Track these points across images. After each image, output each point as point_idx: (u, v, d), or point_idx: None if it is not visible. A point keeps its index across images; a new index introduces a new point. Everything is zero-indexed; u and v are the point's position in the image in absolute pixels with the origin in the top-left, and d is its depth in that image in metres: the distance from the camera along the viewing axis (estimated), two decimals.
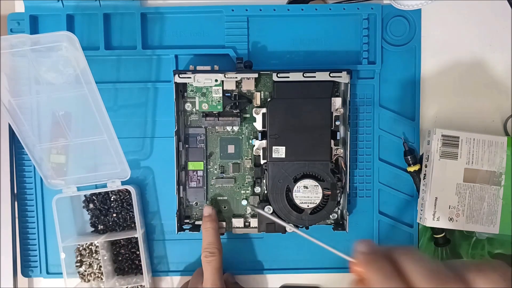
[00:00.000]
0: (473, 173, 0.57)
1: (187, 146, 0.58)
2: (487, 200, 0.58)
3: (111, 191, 0.60)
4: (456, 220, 0.58)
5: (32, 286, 0.62)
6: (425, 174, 0.58)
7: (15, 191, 0.61)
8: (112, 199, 0.60)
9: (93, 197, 0.60)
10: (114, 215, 0.60)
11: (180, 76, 0.55)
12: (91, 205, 0.60)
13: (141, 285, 0.59)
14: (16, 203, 0.60)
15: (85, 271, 0.60)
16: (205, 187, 0.58)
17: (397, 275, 0.33)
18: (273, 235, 0.60)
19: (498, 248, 0.61)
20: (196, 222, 0.59)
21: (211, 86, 0.56)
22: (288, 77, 0.55)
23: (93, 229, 0.61)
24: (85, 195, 0.60)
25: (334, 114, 0.56)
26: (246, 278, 0.62)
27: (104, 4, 0.58)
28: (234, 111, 0.57)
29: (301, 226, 0.57)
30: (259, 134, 0.57)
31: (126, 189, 0.58)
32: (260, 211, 0.54)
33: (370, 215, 0.61)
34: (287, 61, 0.60)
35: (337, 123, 0.56)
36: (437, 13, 0.60)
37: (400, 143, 0.60)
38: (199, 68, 0.56)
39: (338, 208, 0.59)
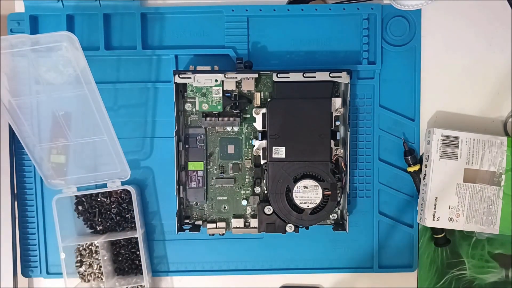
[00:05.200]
0: (473, 173, 0.57)
1: (187, 146, 0.58)
2: (487, 200, 0.58)
3: (102, 193, 0.59)
4: (456, 220, 0.58)
5: (32, 286, 0.62)
6: (425, 174, 0.59)
7: (15, 191, 0.61)
8: (99, 200, 0.60)
9: (83, 199, 0.60)
10: (105, 216, 0.60)
11: (180, 76, 0.55)
12: (80, 207, 0.60)
13: (141, 285, 0.59)
14: (16, 203, 0.60)
15: (85, 271, 0.60)
16: (205, 187, 0.58)
17: None
18: (273, 235, 0.60)
19: (498, 248, 0.61)
20: (196, 222, 0.59)
21: (211, 86, 0.56)
22: (288, 77, 0.55)
23: (92, 230, 0.61)
24: (76, 197, 0.60)
25: (334, 114, 0.56)
26: (246, 278, 0.62)
27: (104, 4, 0.58)
28: (234, 111, 0.57)
29: (301, 226, 0.57)
30: (259, 134, 0.57)
31: (123, 189, 0.58)
32: None
33: (370, 215, 0.61)
34: (287, 61, 0.60)
35: (337, 123, 0.56)
36: (437, 13, 0.60)
37: (400, 143, 0.60)
38: (199, 68, 0.56)
39: (338, 208, 0.59)
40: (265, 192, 0.58)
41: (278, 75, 0.55)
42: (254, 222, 0.58)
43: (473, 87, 0.61)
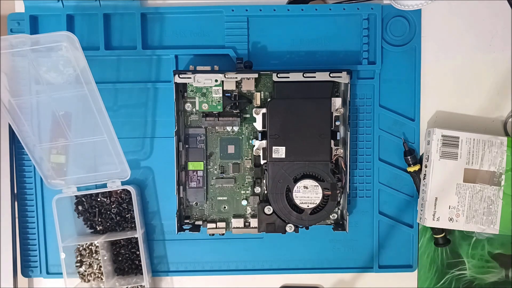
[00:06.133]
0: (473, 173, 0.57)
1: (187, 146, 0.58)
2: (487, 200, 0.58)
3: (102, 193, 0.59)
4: (456, 220, 0.58)
5: (32, 286, 0.62)
6: (425, 174, 0.58)
7: (15, 191, 0.61)
8: (99, 200, 0.60)
9: (83, 199, 0.60)
10: (106, 216, 0.60)
11: (180, 76, 0.55)
12: (80, 207, 0.60)
13: (141, 285, 0.59)
14: (16, 203, 0.60)
15: (85, 271, 0.60)
16: (205, 187, 0.58)
17: None
18: (273, 235, 0.60)
19: (498, 248, 0.61)
20: (196, 222, 0.59)
21: (211, 86, 0.56)
22: (288, 77, 0.55)
23: (92, 230, 0.61)
24: (76, 197, 0.60)
25: (334, 114, 0.56)
26: (246, 278, 0.62)
27: (104, 4, 0.58)
28: (234, 111, 0.57)
29: (301, 226, 0.57)
30: (259, 134, 0.57)
31: (124, 189, 0.58)
32: None
33: (370, 215, 0.61)
34: (287, 61, 0.60)
35: (337, 123, 0.56)
36: (437, 13, 0.60)
37: (400, 143, 0.60)
38: (199, 68, 0.56)
39: (338, 208, 0.59)
40: (265, 192, 0.58)
41: (278, 75, 0.55)
42: (254, 222, 0.58)
43: (473, 87, 0.61)
